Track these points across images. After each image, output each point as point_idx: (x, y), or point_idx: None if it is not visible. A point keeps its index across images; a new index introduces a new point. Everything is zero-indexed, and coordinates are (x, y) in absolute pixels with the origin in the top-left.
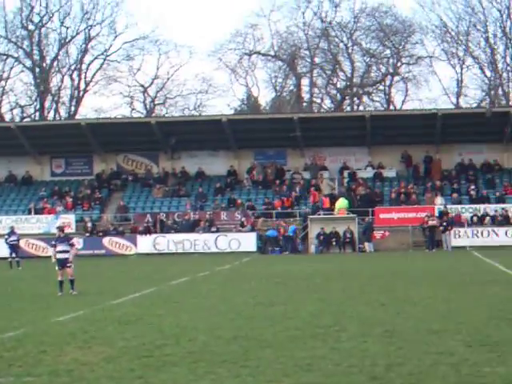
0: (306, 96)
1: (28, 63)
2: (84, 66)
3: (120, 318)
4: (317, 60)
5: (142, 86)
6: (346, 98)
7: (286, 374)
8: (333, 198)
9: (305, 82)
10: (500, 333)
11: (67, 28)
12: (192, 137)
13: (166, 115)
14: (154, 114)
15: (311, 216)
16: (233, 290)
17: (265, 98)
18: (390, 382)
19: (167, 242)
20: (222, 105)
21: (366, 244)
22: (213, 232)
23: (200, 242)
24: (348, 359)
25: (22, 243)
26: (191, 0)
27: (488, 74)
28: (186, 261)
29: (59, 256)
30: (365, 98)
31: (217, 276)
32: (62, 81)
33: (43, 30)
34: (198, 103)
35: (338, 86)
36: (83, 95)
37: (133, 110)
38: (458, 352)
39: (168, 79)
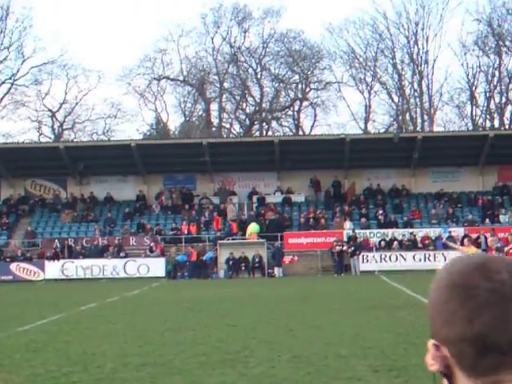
0: (215, 121)
1: None
2: None
3: (27, 345)
4: (226, 85)
5: (50, 110)
6: (255, 123)
7: None
8: (242, 223)
9: (214, 106)
10: (407, 357)
11: None
12: (101, 162)
13: (75, 140)
14: (62, 139)
15: (220, 241)
16: (142, 316)
17: (174, 122)
18: None
19: (75, 268)
20: (131, 130)
21: (276, 269)
22: (122, 257)
23: (109, 267)
24: None
25: None
26: (100, 24)
27: (395, 99)
28: (94, 286)
29: None
30: (274, 123)
31: (125, 301)
32: None
33: None
34: (107, 128)
35: (247, 111)
36: None
37: (41, 134)
38: (365, 377)
39: (76, 104)
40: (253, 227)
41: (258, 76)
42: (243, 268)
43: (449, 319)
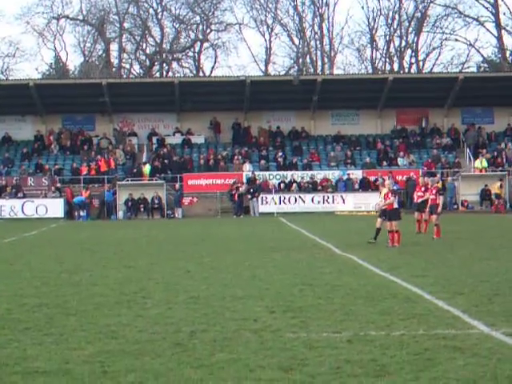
0: (115, 61)
1: None
2: None
3: None
4: (126, 25)
5: None
6: (155, 63)
7: (90, 342)
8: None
9: (114, 47)
10: (303, 299)
11: None
12: None
13: None
14: None
15: (119, 182)
16: (39, 257)
17: (73, 62)
18: (193, 348)
19: None
20: (30, 69)
21: (176, 210)
22: (19, 198)
23: (6, 207)
24: (152, 326)
25: None
26: None
27: (296, 42)
28: None
29: None
30: (174, 64)
31: (23, 242)
32: None
33: None
34: (5, 67)
35: (148, 51)
36: None
37: None
38: (261, 318)
39: None
40: (146, 168)
41: (159, 16)
42: (142, 209)
43: None
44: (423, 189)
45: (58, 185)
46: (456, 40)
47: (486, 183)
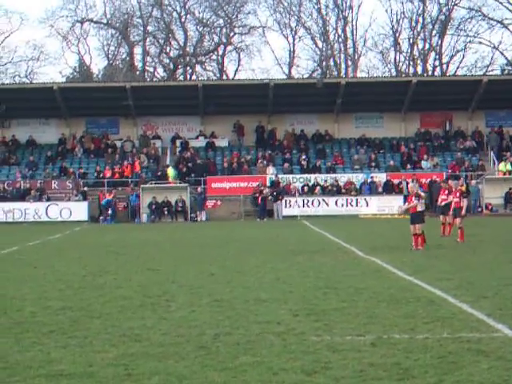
0: (138, 65)
1: None
2: None
3: None
4: (150, 28)
5: None
6: (179, 67)
7: (114, 345)
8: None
9: (138, 50)
10: (327, 302)
11: None
12: (23, 105)
13: None
14: None
15: (143, 185)
16: (63, 260)
17: (97, 66)
18: (217, 351)
19: None
20: (54, 72)
21: (199, 213)
22: (44, 201)
23: (30, 210)
24: (176, 329)
25: None
26: None
27: (320, 44)
28: (16, 230)
29: None
30: (198, 68)
31: (47, 245)
32: None
33: None
34: (29, 70)
35: (171, 54)
36: None
37: None
38: (284, 321)
39: None
40: (169, 172)
41: (182, 20)
42: (166, 212)
43: None
44: (447, 192)
45: (85, 188)
46: (480, 43)
47: (511, 186)
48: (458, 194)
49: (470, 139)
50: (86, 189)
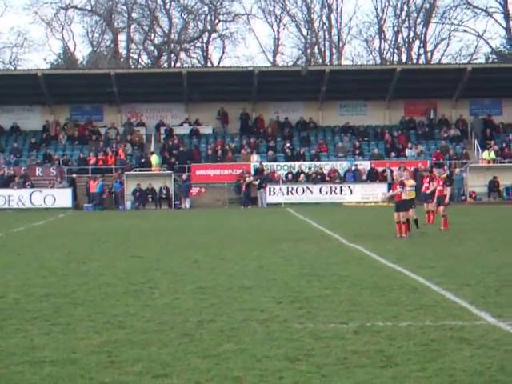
0: (123, 51)
1: None
2: None
3: None
4: (134, 15)
5: None
6: (164, 54)
7: (97, 332)
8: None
9: (122, 37)
10: (310, 289)
11: None
12: (7, 91)
13: None
14: None
15: (127, 172)
16: (46, 247)
17: (81, 52)
18: (200, 338)
19: None
20: (38, 59)
21: (183, 200)
22: (28, 188)
23: (14, 197)
24: (160, 316)
25: None
26: None
27: (304, 32)
28: None
29: None
30: (182, 55)
31: (31, 232)
32: None
33: None
34: (14, 57)
35: (156, 41)
36: None
37: None
38: (268, 308)
39: None
40: (153, 159)
41: (167, 6)
42: (150, 200)
43: None
44: (428, 179)
45: (74, 175)
46: (464, 31)
47: (495, 175)
48: (441, 183)
49: (454, 127)
50: (74, 176)
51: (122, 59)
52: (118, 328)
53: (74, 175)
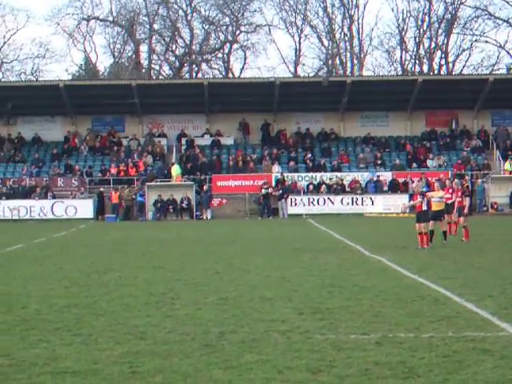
0: (144, 62)
1: None
2: None
3: None
4: (156, 26)
5: None
6: (185, 65)
7: (119, 342)
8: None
9: (143, 48)
10: (332, 300)
11: None
12: (29, 102)
13: (2, 80)
14: None
15: (148, 183)
16: (68, 257)
17: (103, 63)
18: (222, 349)
19: (2, 209)
20: (60, 70)
21: (204, 211)
22: (49, 198)
23: (36, 208)
24: (181, 327)
25: None
26: None
27: (326, 43)
28: (21, 227)
29: None
30: (203, 66)
31: (52, 243)
32: None
33: None
34: (35, 68)
35: (177, 52)
36: None
37: None
38: (289, 319)
39: (4, 43)
40: (174, 170)
41: (188, 18)
42: (171, 210)
43: None
44: (450, 190)
45: (101, 189)
46: (486, 42)
47: None
48: (459, 194)
49: (476, 138)
50: (102, 189)
51: (143, 70)
52: (139, 339)
53: (102, 189)
